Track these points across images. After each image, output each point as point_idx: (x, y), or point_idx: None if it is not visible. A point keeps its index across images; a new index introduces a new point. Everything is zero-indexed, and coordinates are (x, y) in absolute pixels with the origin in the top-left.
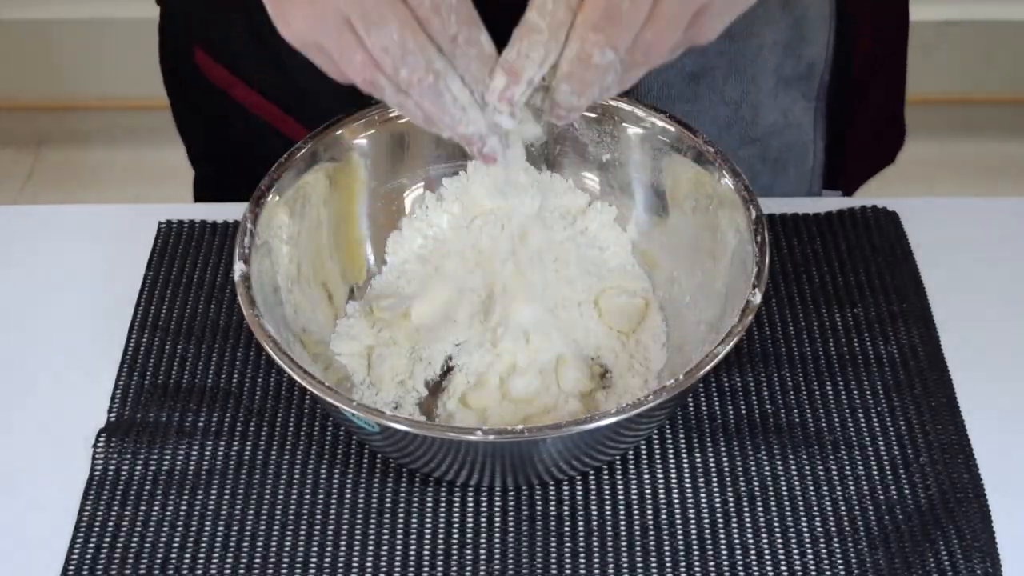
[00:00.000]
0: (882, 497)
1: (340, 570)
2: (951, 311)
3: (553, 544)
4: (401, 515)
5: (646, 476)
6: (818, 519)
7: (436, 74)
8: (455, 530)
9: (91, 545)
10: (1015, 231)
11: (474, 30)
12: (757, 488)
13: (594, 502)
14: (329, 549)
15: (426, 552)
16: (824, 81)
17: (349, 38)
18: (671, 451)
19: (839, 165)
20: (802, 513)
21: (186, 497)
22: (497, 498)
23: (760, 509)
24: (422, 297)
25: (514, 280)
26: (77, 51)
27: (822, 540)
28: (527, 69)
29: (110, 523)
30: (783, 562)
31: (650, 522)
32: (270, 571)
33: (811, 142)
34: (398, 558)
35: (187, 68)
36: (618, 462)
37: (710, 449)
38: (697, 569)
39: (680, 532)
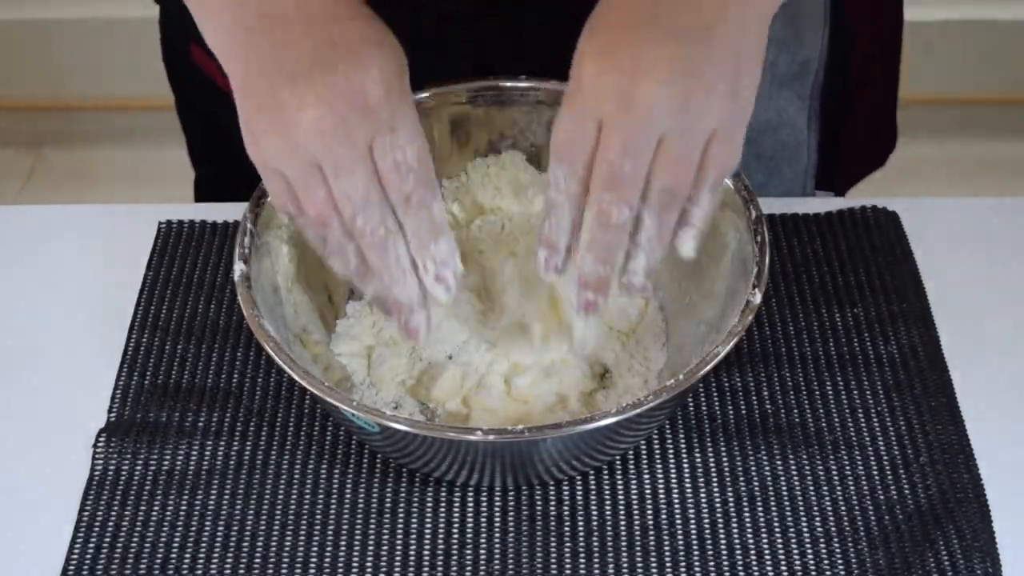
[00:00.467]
0: (882, 497)
1: (340, 570)
2: (951, 311)
3: (553, 544)
4: (401, 515)
5: (646, 476)
6: (818, 519)
7: (388, 231)
8: (455, 530)
9: (91, 545)
10: (1015, 231)
11: (428, 194)
12: (757, 488)
13: (594, 502)
14: (329, 549)
15: (426, 552)
16: (818, 80)
17: (315, 177)
18: (671, 451)
19: (832, 165)
20: (802, 513)
21: (186, 497)
22: (497, 498)
23: (760, 509)
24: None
25: (514, 280)
26: (77, 51)
27: (822, 540)
28: (560, 239)
29: (110, 523)
30: (783, 562)
31: (650, 522)
32: (270, 571)
33: (805, 141)
34: (398, 558)
35: (185, 65)
36: (618, 462)
37: (710, 449)
38: (697, 569)
39: (680, 532)
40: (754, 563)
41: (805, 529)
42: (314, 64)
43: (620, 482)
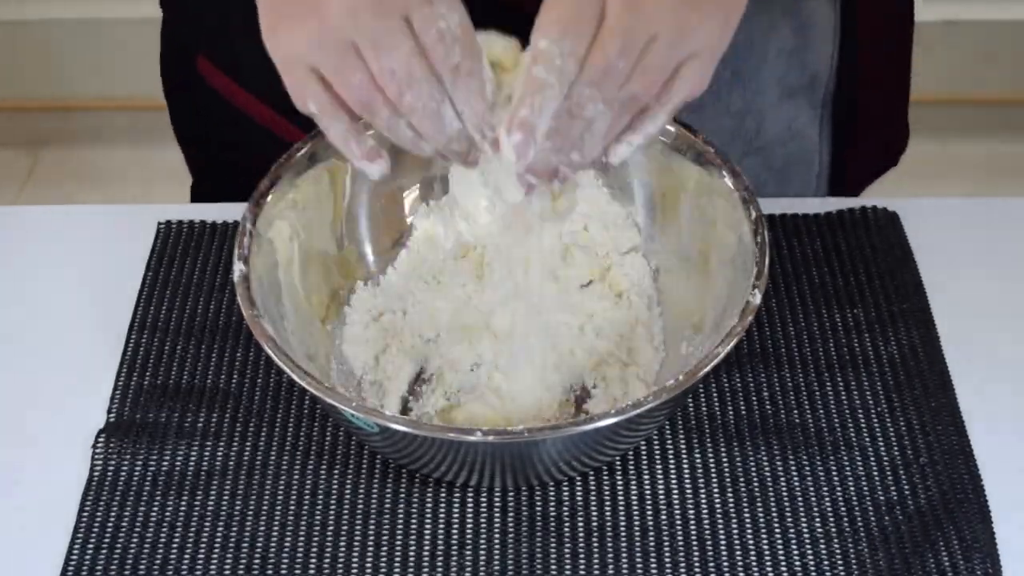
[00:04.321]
0: (882, 497)
1: (340, 570)
2: (951, 311)
3: (553, 545)
4: (401, 515)
5: (646, 477)
6: (818, 520)
7: (438, 102)
8: (455, 530)
9: (90, 545)
10: (1015, 231)
11: (475, 62)
12: (757, 489)
13: (594, 503)
14: (329, 549)
15: (426, 552)
16: (829, 89)
17: (352, 60)
18: (671, 451)
19: (844, 169)
20: (802, 514)
21: (186, 497)
22: (497, 499)
23: (760, 509)
24: (424, 304)
25: (516, 283)
26: (77, 51)
27: (822, 540)
28: (540, 123)
29: (109, 523)
30: (783, 563)
31: (650, 522)
32: (270, 571)
33: (816, 150)
34: (398, 558)
35: (189, 77)
36: (618, 463)
37: (710, 449)
38: (697, 569)
39: (680, 532)
40: (754, 563)
41: (805, 529)
42: None
43: (620, 483)
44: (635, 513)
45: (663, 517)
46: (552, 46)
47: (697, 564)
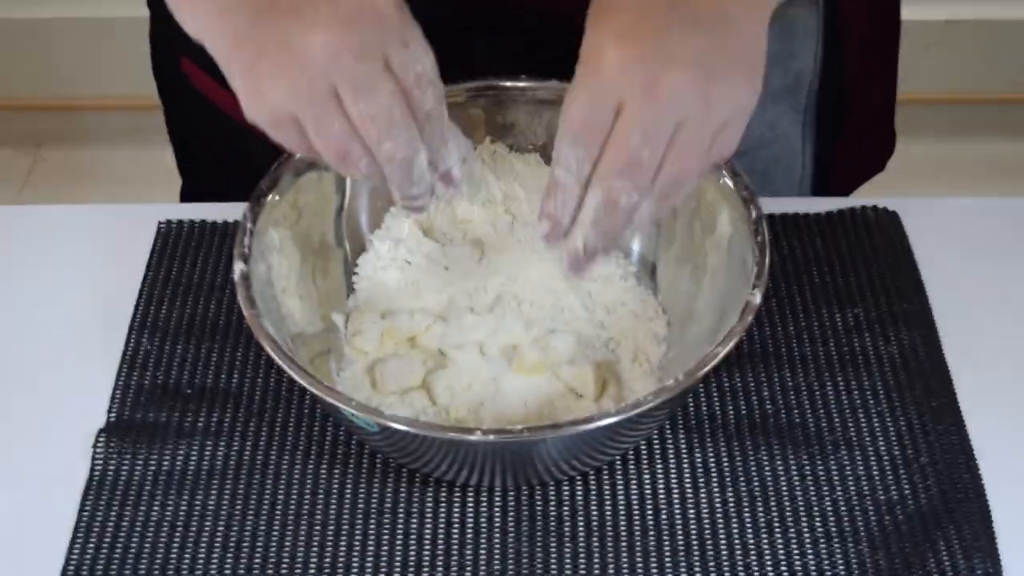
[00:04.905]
0: (882, 497)
1: (340, 570)
2: (951, 311)
3: (553, 544)
4: (401, 515)
5: (646, 476)
6: (818, 519)
7: (415, 151)
8: (455, 530)
9: (91, 545)
10: (1016, 231)
11: (442, 105)
12: (757, 488)
13: (594, 502)
14: (329, 549)
15: (426, 552)
16: (812, 92)
17: (331, 107)
18: (671, 451)
19: (829, 173)
20: (802, 513)
21: (186, 497)
22: (497, 498)
23: (760, 509)
24: (426, 307)
25: (517, 280)
26: (76, 51)
27: (822, 540)
28: (566, 216)
29: (110, 523)
30: (783, 562)
31: (650, 522)
32: (270, 571)
33: (799, 153)
34: (398, 558)
35: (175, 77)
36: (618, 462)
37: (710, 449)
38: (697, 569)
39: (680, 532)
40: (754, 563)
41: (805, 529)
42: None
43: (620, 482)
44: (635, 513)
45: (663, 517)
46: (568, 149)
47: (697, 564)
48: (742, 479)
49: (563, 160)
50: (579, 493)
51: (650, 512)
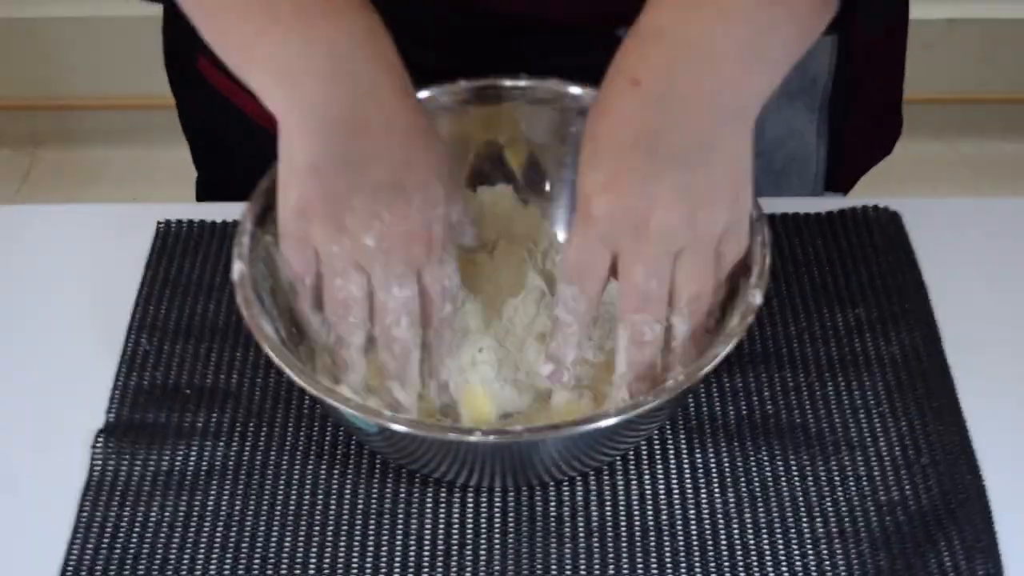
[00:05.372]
0: (883, 498)
1: (340, 570)
2: (953, 311)
3: (553, 544)
4: (401, 515)
5: (646, 476)
6: (819, 520)
7: (413, 345)
8: (455, 530)
9: (90, 546)
10: (1017, 231)
11: (455, 316)
12: (758, 489)
13: (594, 502)
14: (329, 550)
15: (426, 552)
16: (827, 90)
17: (356, 276)
18: (671, 451)
19: (838, 161)
20: (803, 514)
21: (185, 498)
22: (497, 498)
23: (761, 510)
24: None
25: (518, 282)
26: (74, 50)
27: (823, 541)
28: (568, 356)
29: (109, 524)
30: (784, 563)
31: (650, 523)
32: (269, 572)
33: (814, 151)
34: (398, 558)
35: (191, 74)
36: (618, 462)
37: (711, 449)
38: (698, 569)
39: (680, 532)
40: (755, 564)
41: (806, 530)
42: (392, 185)
43: (620, 482)
44: (635, 513)
45: (663, 517)
46: (565, 290)
47: (697, 564)
48: (743, 479)
49: (561, 301)
50: (579, 493)
51: (650, 512)
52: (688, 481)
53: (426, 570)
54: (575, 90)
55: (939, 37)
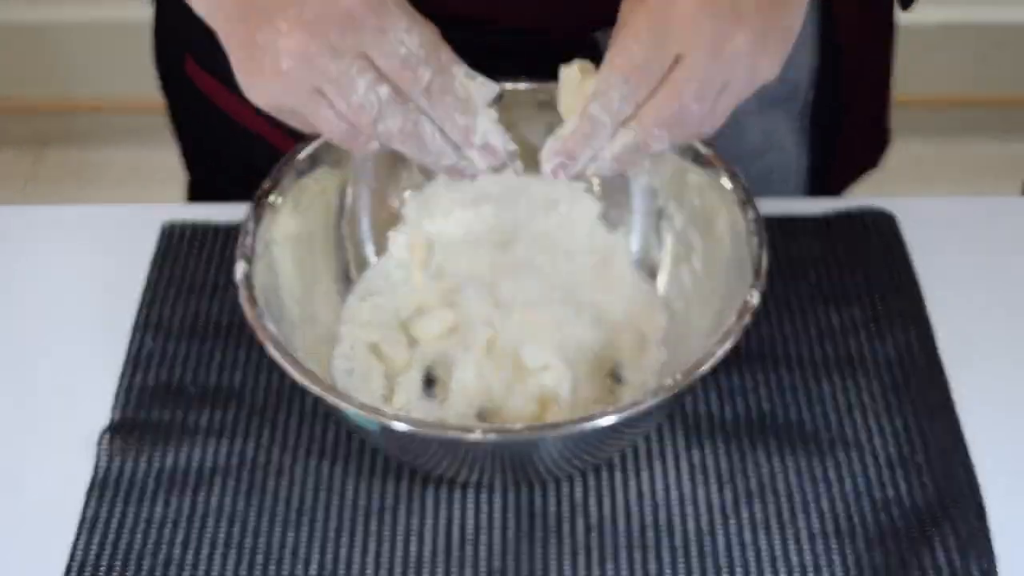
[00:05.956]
0: (879, 495)
1: (341, 567)
2: (947, 311)
3: (553, 542)
4: (402, 513)
5: (645, 475)
6: (815, 517)
7: (414, 123)
8: (455, 528)
9: (94, 544)
10: (1012, 231)
11: (447, 77)
12: (755, 487)
13: (593, 501)
14: (331, 547)
15: (427, 550)
16: (808, 99)
17: (320, 102)
18: (670, 450)
19: (824, 172)
20: (799, 512)
21: (189, 496)
22: (497, 496)
23: (758, 508)
24: (430, 313)
25: (519, 285)
26: (78, 52)
27: (819, 538)
28: (583, 155)
29: (113, 522)
30: (780, 560)
31: (649, 520)
32: (272, 569)
33: (794, 160)
34: (399, 556)
35: (178, 76)
36: (617, 461)
37: (708, 448)
38: (696, 567)
39: (679, 530)
40: (752, 561)
41: (803, 527)
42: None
43: (619, 481)
44: (634, 511)
45: (662, 515)
46: (613, 89)
47: (696, 561)
48: (740, 477)
49: (604, 98)
50: (578, 492)
51: (649, 510)
52: (686, 479)
53: (426, 568)
54: None
55: (935, 40)
